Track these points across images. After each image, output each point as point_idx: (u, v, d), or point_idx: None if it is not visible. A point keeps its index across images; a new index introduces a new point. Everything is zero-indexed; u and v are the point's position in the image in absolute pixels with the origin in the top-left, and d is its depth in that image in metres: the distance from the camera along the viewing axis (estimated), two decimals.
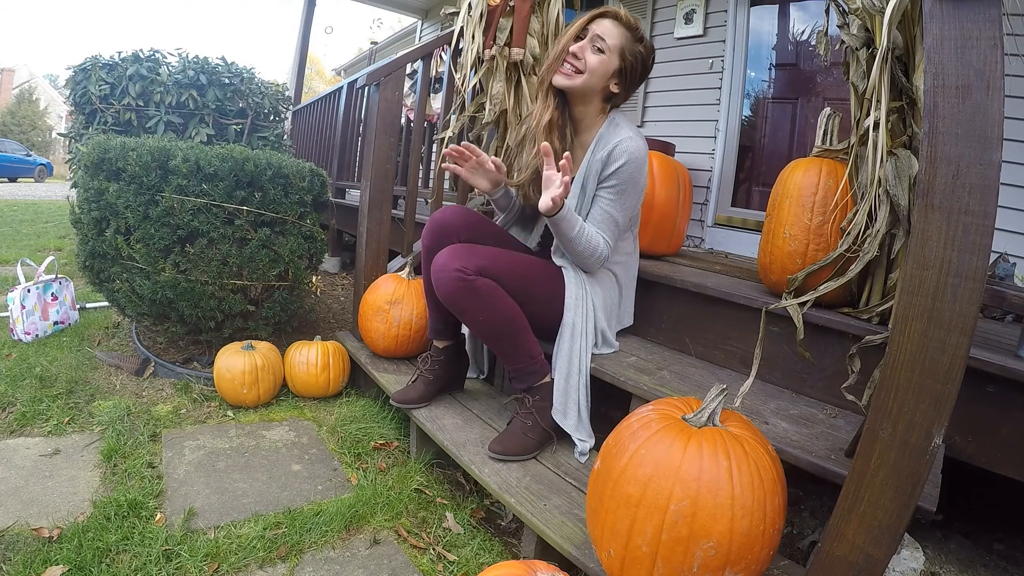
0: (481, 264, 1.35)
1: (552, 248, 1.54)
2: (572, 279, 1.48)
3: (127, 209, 1.82)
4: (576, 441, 1.40)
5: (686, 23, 3.19)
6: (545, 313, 1.47)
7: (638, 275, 1.72)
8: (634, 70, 1.47)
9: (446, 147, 2.11)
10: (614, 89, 1.48)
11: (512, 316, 1.38)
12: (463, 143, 1.54)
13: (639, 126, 3.42)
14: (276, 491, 1.43)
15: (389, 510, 1.39)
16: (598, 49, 1.43)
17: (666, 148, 2.68)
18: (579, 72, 1.44)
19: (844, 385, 1.16)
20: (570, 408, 1.41)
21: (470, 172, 1.55)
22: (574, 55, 1.44)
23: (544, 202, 1.27)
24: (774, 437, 1.12)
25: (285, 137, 3.83)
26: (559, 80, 1.46)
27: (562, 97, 1.51)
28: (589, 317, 1.48)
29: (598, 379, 1.48)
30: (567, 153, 1.27)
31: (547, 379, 1.44)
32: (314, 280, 3.19)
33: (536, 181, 1.51)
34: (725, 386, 0.96)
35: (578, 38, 1.45)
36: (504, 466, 1.35)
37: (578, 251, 1.44)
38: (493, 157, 1.54)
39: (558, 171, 1.26)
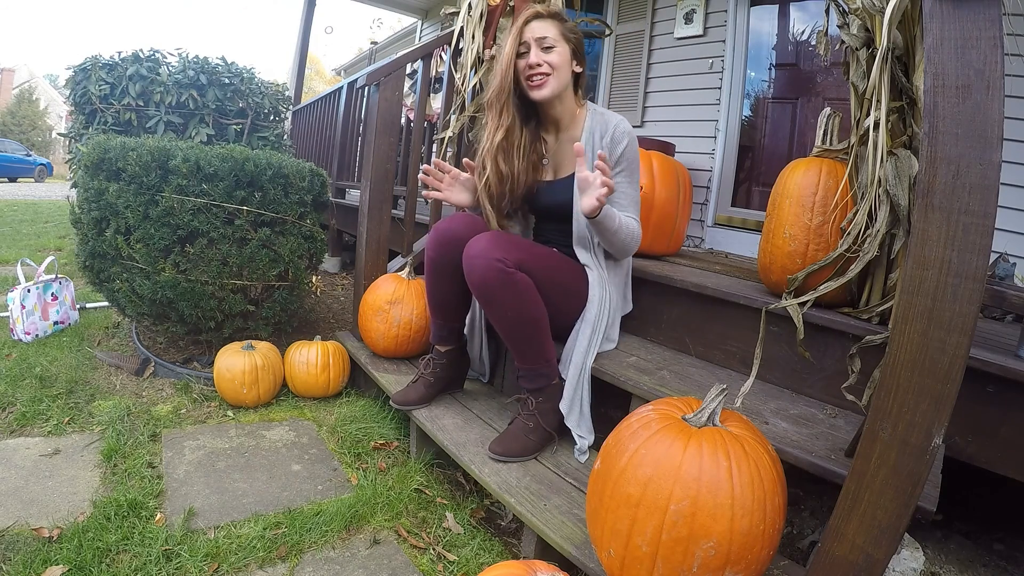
0: (521, 258, 1.35)
1: (574, 241, 1.55)
2: (596, 279, 1.50)
3: (127, 209, 1.82)
4: (576, 438, 1.41)
5: (686, 23, 3.19)
6: (563, 312, 1.48)
7: (637, 275, 1.73)
8: (580, 44, 1.53)
9: (447, 145, 2.12)
10: (577, 70, 1.53)
11: (539, 316, 1.38)
12: (434, 159, 1.56)
13: (638, 126, 3.42)
14: (276, 491, 1.43)
15: (389, 510, 1.39)
16: (547, 48, 1.46)
17: (666, 148, 2.68)
18: (548, 75, 1.46)
19: (844, 385, 1.16)
20: (575, 404, 1.42)
21: (448, 190, 1.57)
22: (534, 65, 1.45)
23: (588, 203, 1.30)
24: (774, 437, 1.12)
25: (285, 137, 3.83)
26: (539, 94, 1.47)
27: (527, 111, 1.54)
28: (603, 316, 1.51)
29: (598, 379, 1.48)
30: (601, 151, 1.30)
31: (555, 382, 1.44)
32: (314, 280, 3.19)
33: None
34: (725, 386, 0.96)
35: (520, 55, 1.47)
36: (504, 466, 1.35)
37: (620, 240, 1.46)
38: (466, 160, 1.55)
39: (594, 173, 1.28)
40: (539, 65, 1.45)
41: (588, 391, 1.45)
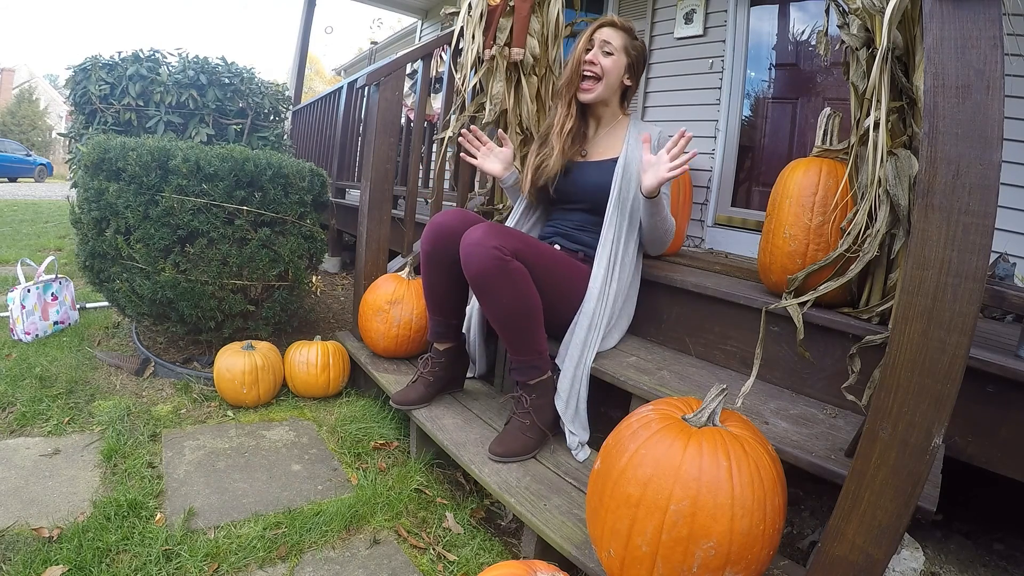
0: (517, 247, 1.36)
1: (610, 207, 1.59)
2: (601, 272, 1.51)
3: (127, 209, 1.82)
4: (567, 434, 1.41)
5: (686, 23, 3.19)
6: (558, 308, 1.48)
7: None
8: (638, 62, 1.68)
9: (447, 145, 2.19)
10: (627, 83, 1.69)
11: (533, 307, 1.39)
12: (472, 127, 1.71)
13: None
14: (276, 491, 1.43)
15: (389, 510, 1.39)
16: (607, 53, 1.62)
17: None
18: (599, 78, 1.63)
19: (844, 385, 1.16)
20: (571, 399, 1.42)
21: (483, 158, 1.75)
22: (590, 62, 1.62)
23: (650, 180, 1.42)
24: (774, 437, 1.12)
25: (285, 137, 3.83)
26: (584, 97, 1.64)
27: (581, 105, 1.69)
28: (605, 311, 1.52)
29: (598, 379, 1.48)
30: (687, 133, 1.40)
31: (546, 376, 1.44)
32: (314, 280, 3.19)
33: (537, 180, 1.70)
34: (725, 386, 0.96)
35: (587, 51, 1.64)
36: (504, 466, 1.35)
37: (664, 229, 1.58)
38: (500, 132, 1.75)
39: (669, 154, 1.39)
40: (593, 64, 1.62)
41: (586, 387, 1.45)
